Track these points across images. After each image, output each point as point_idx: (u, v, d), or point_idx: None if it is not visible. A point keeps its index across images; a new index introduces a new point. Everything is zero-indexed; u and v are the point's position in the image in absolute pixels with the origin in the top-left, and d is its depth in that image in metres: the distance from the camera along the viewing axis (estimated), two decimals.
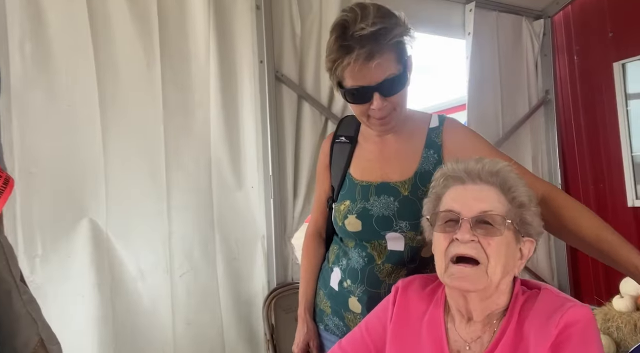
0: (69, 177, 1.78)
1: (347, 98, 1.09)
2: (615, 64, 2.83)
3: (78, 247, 1.79)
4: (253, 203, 2.26)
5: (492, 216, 0.83)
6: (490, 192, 0.87)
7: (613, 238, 0.96)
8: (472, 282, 0.81)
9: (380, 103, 1.04)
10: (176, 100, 2.04)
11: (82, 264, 1.78)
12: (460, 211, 0.85)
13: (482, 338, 0.85)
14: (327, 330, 1.24)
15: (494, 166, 0.89)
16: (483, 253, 0.81)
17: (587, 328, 0.76)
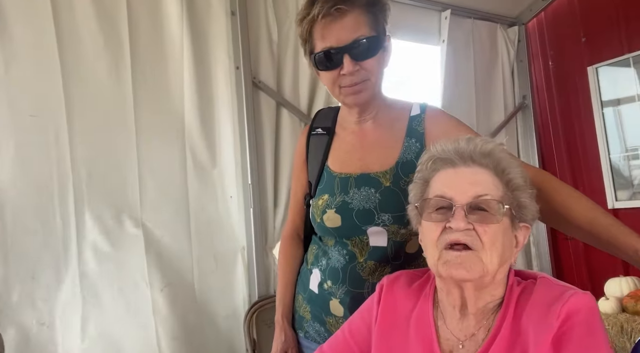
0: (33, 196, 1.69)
1: (318, 65, 1.05)
2: (590, 68, 2.88)
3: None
4: (232, 214, 2.19)
5: (489, 201, 0.77)
6: (484, 175, 0.80)
7: (608, 222, 0.91)
8: (469, 268, 0.74)
9: (351, 67, 1.00)
10: (150, 108, 1.97)
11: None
12: (453, 197, 0.78)
13: (477, 336, 0.78)
14: (307, 337, 1.16)
15: (486, 146, 0.82)
16: (478, 241, 0.75)
17: (591, 316, 0.70)
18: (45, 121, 1.71)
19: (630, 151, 2.94)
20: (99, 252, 1.79)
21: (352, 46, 1.00)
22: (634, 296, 2.27)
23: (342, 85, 1.04)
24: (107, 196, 1.84)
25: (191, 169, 2.09)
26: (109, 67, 1.86)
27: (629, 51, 2.72)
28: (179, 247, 2.03)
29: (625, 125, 2.95)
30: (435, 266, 0.79)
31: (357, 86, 1.04)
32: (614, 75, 2.90)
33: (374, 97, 1.09)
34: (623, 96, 2.91)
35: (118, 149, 1.88)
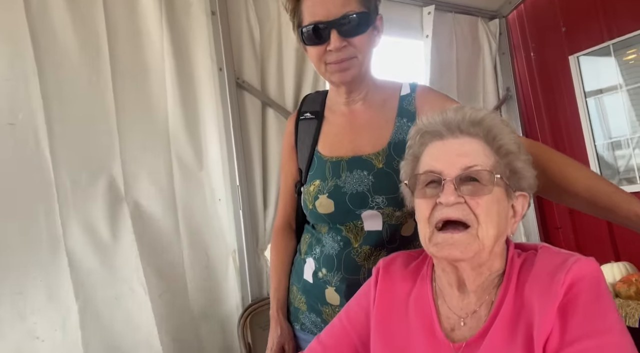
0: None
1: (305, 40, 1.02)
2: (571, 58, 2.91)
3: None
4: (221, 217, 2.14)
5: (479, 172, 0.74)
6: (473, 144, 0.77)
7: (608, 189, 0.89)
8: (462, 249, 0.72)
9: (338, 42, 0.98)
10: (132, 113, 1.92)
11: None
12: (441, 170, 0.75)
13: (479, 312, 0.76)
14: (303, 329, 1.13)
15: (476, 114, 0.79)
16: (471, 214, 0.72)
17: (596, 282, 0.68)
18: (24, 129, 1.66)
19: (614, 139, 2.97)
20: (90, 263, 1.74)
21: (340, 21, 0.98)
22: (627, 281, 2.28)
23: (328, 61, 1.02)
24: (93, 205, 1.79)
25: (178, 173, 2.04)
26: (88, 71, 1.81)
27: (609, 38, 2.75)
28: (170, 253, 1.99)
29: (609, 115, 2.98)
30: (427, 246, 0.77)
31: (344, 63, 1.01)
32: (596, 65, 2.93)
33: (361, 77, 1.06)
34: (605, 86, 2.94)
35: (101, 156, 1.83)
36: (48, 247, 1.66)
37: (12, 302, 1.58)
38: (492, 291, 0.76)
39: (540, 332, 0.65)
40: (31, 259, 1.63)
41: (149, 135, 1.98)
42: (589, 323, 0.64)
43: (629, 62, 2.82)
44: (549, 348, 0.64)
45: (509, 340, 0.68)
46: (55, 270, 1.66)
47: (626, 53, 2.81)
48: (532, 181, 0.81)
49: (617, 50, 2.80)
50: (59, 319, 1.64)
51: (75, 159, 1.76)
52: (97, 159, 1.82)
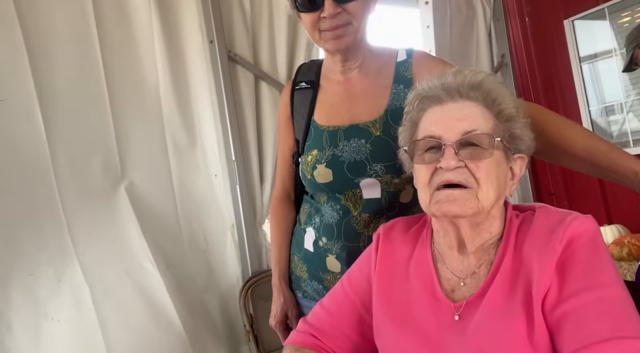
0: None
1: (298, 7, 1.00)
2: (566, 22, 2.87)
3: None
4: (218, 192, 2.15)
5: (478, 136, 0.74)
6: (472, 108, 0.76)
7: (606, 147, 0.90)
8: (462, 205, 0.72)
9: (332, 9, 0.96)
10: (123, 90, 1.89)
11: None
12: (441, 135, 0.75)
13: (478, 273, 0.77)
14: (305, 297, 1.15)
15: (475, 77, 0.78)
16: (472, 178, 0.73)
17: (593, 238, 0.69)
18: (15, 105, 1.63)
19: (608, 104, 2.97)
20: (94, 242, 1.74)
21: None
22: (619, 243, 2.33)
23: (322, 28, 1.00)
24: (89, 182, 1.78)
25: (172, 150, 2.03)
26: (77, 47, 1.77)
27: (604, 1, 2.72)
28: (168, 230, 2.00)
29: (602, 80, 2.97)
30: (427, 208, 0.77)
31: (338, 30, 0.99)
32: (590, 29, 2.90)
33: (357, 44, 1.04)
34: (600, 50, 2.92)
35: (94, 133, 1.81)
36: (50, 228, 1.65)
37: (25, 285, 1.58)
38: (492, 251, 0.77)
39: (539, 288, 0.66)
40: (37, 240, 1.62)
41: (141, 111, 1.96)
42: (587, 278, 0.65)
43: (623, 25, 2.79)
44: (548, 303, 0.66)
45: (508, 297, 0.70)
46: (62, 251, 1.66)
47: (620, 15, 2.78)
48: (530, 143, 0.81)
49: (611, 13, 2.77)
50: (72, 299, 1.65)
51: (69, 137, 1.74)
52: (90, 136, 1.80)
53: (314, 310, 0.91)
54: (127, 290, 1.78)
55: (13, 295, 1.56)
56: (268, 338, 2.00)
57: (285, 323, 1.17)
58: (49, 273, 1.63)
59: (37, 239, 1.62)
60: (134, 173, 1.90)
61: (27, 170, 1.64)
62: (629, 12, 2.73)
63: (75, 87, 1.77)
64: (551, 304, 0.66)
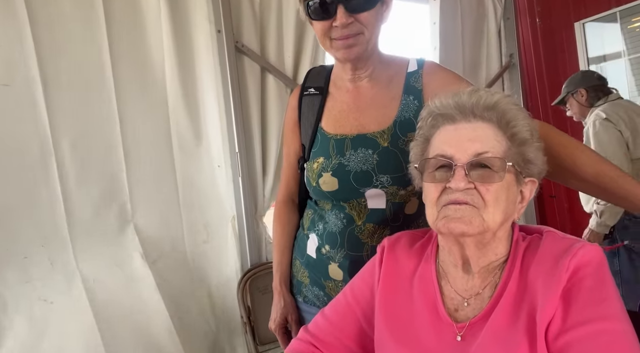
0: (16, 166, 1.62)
1: (310, 14, 0.99)
2: (577, 24, 2.84)
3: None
4: (220, 183, 2.15)
5: (490, 159, 0.73)
6: (486, 129, 0.75)
7: (615, 173, 0.90)
8: (468, 222, 0.72)
9: (345, 18, 0.94)
10: (129, 77, 1.89)
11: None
12: (452, 155, 0.74)
13: (482, 294, 0.77)
14: (306, 302, 1.15)
15: (491, 98, 0.77)
16: (480, 199, 0.72)
17: (600, 268, 0.69)
18: (19, 90, 1.62)
19: None
20: (90, 228, 1.75)
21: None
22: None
23: (333, 36, 0.99)
24: (91, 169, 1.78)
25: (176, 139, 2.03)
26: (83, 33, 1.76)
27: (616, 5, 2.69)
28: (168, 219, 2.00)
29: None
30: (434, 224, 0.77)
31: (349, 40, 0.98)
32: (601, 31, 2.88)
33: (368, 54, 1.03)
34: (609, 52, 2.90)
35: (99, 121, 1.81)
36: (48, 211, 1.66)
37: (20, 266, 1.60)
38: (497, 273, 0.77)
39: (543, 316, 0.67)
40: (33, 223, 1.64)
41: (146, 100, 1.95)
42: (591, 309, 0.65)
43: (634, 29, 2.77)
44: (551, 332, 0.66)
45: (511, 321, 0.70)
46: (56, 235, 1.68)
47: (631, 20, 2.76)
48: (543, 167, 0.81)
49: (623, 17, 2.75)
50: (65, 283, 1.67)
51: (71, 123, 1.74)
52: (93, 122, 1.80)
53: (315, 318, 0.91)
54: (118, 280, 1.79)
55: (8, 276, 1.57)
56: (264, 331, 2.02)
57: (285, 327, 1.17)
58: (43, 256, 1.65)
59: (34, 220, 1.64)
60: (137, 161, 1.90)
61: (28, 154, 1.64)
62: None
63: (80, 73, 1.76)
64: (554, 333, 0.66)
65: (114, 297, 1.75)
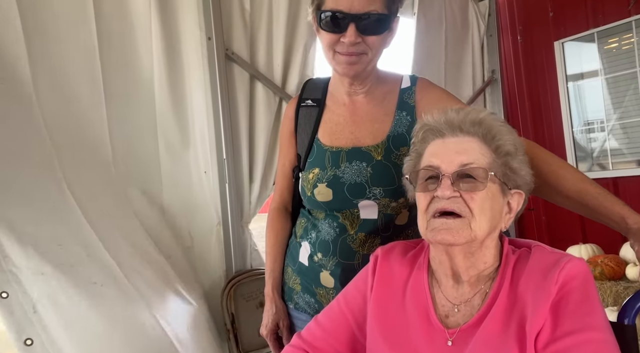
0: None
1: (321, 24, 1.02)
2: (556, 43, 2.95)
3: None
4: (206, 189, 2.14)
5: (474, 169, 0.78)
6: (471, 143, 0.81)
7: (596, 191, 0.94)
8: (455, 233, 0.76)
9: (354, 37, 0.98)
10: (117, 83, 1.87)
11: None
12: (439, 166, 0.80)
13: (472, 301, 0.80)
14: (297, 308, 1.17)
15: (477, 115, 0.83)
16: (465, 207, 0.77)
17: (586, 281, 0.73)
18: (12, 86, 1.59)
19: (590, 124, 3.07)
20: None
21: (361, 17, 0.98)
22: (592, 262, 2.41)
23: (338, 50, 1.03)
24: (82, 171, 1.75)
25: (163, 144, 2.02)
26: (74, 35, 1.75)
27: (594, 26, 2.80)
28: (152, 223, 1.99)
29: (586, 99, 3.07)
30: (425, 234, 0.81)
31: (352, 57, 1.02)
32: (579, 50, 2.99)
33: (366, 73, 1.08)
34: (586, 71, 3.01)
35: (86, 124, 1.79)
36: (66, 211, 1.61)
37: (58, 254, 1.54)
38: (487, 283, 0.81)
39: (533, 325, 0.70)
40: (57, 220, 1.57)
41: (134, 103, 1.94)
42: (578, 320, 0.69)
43: (611, 50, 2.88)
44: (540, 341, 0.70)
45: (502, 330, 0.73)
46: (81, 231, 1.62)
47: (608, 41, 2.88)
48: (529, 179, 0.85)
49: (600, 37, 2.86)
50: (105, 270, 1.64)
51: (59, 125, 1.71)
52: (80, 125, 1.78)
53: (308, 325, 0.93)
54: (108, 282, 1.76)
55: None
56: (248, 338, 2.02)
57: (276, 333, 1.19)
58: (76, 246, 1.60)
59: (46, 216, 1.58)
60: (122, 163, 1.89)
61: (29, 152, 1.60)
62: (617, 39, 2.83)
63: (68, 76, 1.74)
64: (544, 342, 0.69)
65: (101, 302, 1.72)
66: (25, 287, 1.47)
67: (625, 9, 2.68)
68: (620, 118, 2.90)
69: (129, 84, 1.92)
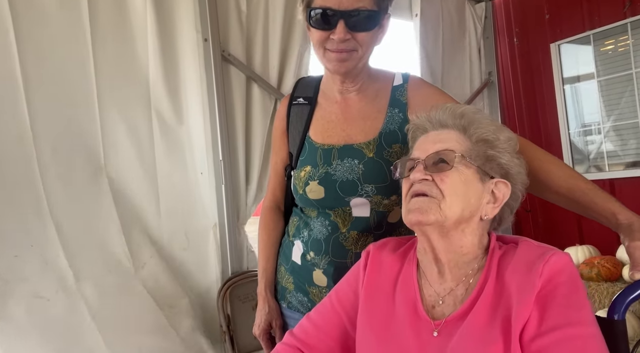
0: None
1: (310, 21, 1.02)
2: (552, 45, 2.96)
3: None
4: (203, 190, 2.14)
5: (444, 153, 0.82)
6: (450, 134, 0.85)
7: (587, 187, 0.94)
8: (424, 212, 0.79)
9: (343, 34, 0.99)
10: (113, 82, 1.88)
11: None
12: (418, 156, 0.85)
13: (455, 291, 0.81)
14: (290, 308, 1.16)
15: (457, 109, 0.87)
16: (436, 189, 0.80)
17: (572, 276, 0.74)
18: (0, 89, 1.60)
19: (586, 126, 3.08)
20: (77, 233, 1.72)
21: (350, 14, 0.98)
22: (589, 263, 2.41)
23: (328, 47, 1.03)
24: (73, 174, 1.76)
25: (160, 145, 2.03)
26: (67, 35, 1.75)
27: (590, 28, 2.81)
28: (149, 225, 1.99)
29: (583, 102, 3.08)
30: (404, 218, 0.84)
31: (343, 54, 1.02)
32: (575, 52, 3.00)
33: (357, 70, 1.08)
34: (582, 73, 3.02)
35: (81, 126, 1.80)
36: (35, 214, 1.63)
37: (11, 265, 1.56)
38: (471, 274, 0.82)
39: (518, 318, 0.70)
40: (22, 226, 1.60)
41: (130, 105, 1.95)
42: (565, 315, 0.70)
43: (607, 52, 2.89)
44: (526, 335, 0.70)
45: (488, 322, 0.74)
46: (46, 237, 1.64)
47: (604, 43, 2.89)
48: (514, 170, 0.86)
49: (596, 39, 2.87)
50: (58, 281, 1.63)
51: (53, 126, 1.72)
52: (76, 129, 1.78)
53: (300, 322, 0.93)
54: (108, 282, 1.76)
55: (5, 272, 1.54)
56: (244, 340, 2.01)
57: (269, 333, 1.18)
58: (35, 256, 1.61)
59: (22, 223, 1.60)
60: (118, 167, 1.89)
61: (12, 158, 1.61)
62: (613, 41, 2.84)
63: (63, 76, 1.75)
64: (530, 336, 0.70)
65: (108, 299, 1.73)
66: None
67: (621, 11, 2.70)
68: (616, 120, 2.90)
69: (125, 84, 1.93)
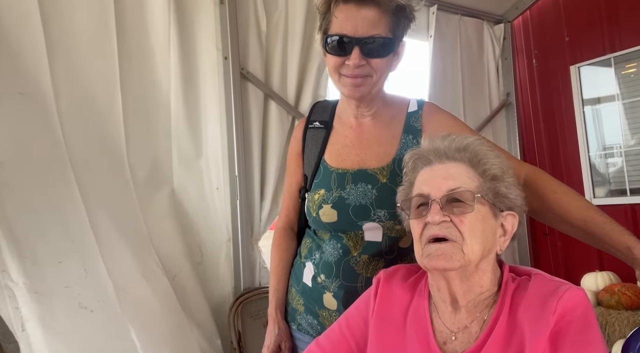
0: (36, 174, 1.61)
1: (327, 47, 1.05)
2: (572, 67, 2.93)
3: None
4: (218, 205, 2.17)
5: (461, 193, 0.80)
6: (458, 168, 0.83)
7: (602, 220, 0.93)
8: (449, 258, 0.77)
9: (358, 60, 1.00)
10: (136, 99, 1.93)
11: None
12: (429, 193, 0.82)
13: (470, 328, 0.80)
14: (300, 330, 1.16)
15: (462, 141, 0.85)
16: (456, 231, 0.78)
17: (586, 312, 0.72)
18: (33, 101, 1.64)
19: (607, 149, 3.03)
20: (113, 242, 1.74)
21: (365, 41, 1.00)
22: (609, 290, 2.35)
23: (343, 73, 1.05)
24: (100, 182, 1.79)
25: (177, 159, 2.06)
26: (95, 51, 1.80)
27: (611, 51, 2.78)
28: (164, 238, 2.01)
29: (604, 124, 3.03)
30: (420, 261, 0.82)
31: (357, 79, 1.04)
32: (595, 73, 2.97)
33: (372, 95, 1.09)
34: (603, 95, 2.98)
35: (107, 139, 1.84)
36: (75, 221, 1.64)
37: (56, 271, 1.57)
38: (485, 310, 0.80)
39: None
40: (62, 232, 1.61)
41: (151, 120, 1.99)
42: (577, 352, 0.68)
43: (629, 75, 2.85)
44: None
45: None
46: (86, 244, 1.65)
47: (625, 66, 2.85)
48: (520, 201, 0.85)
49: (617, 62, 2.84)
50: (99, 291, 1.64)
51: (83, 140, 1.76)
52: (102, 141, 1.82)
53: (309, 347, 0.93)
54: (145, 293, 1.78)
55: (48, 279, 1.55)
56: None
57: None
58: (77, 263, 1.62)
59: (63, 230, 1.61)
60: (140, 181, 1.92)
61: (48, 165, 1.63)
62: (635, 64, 2.80)
63: (90, 92, 1.80)
64: None
65: (144, 310, 1.74)
66: (19, 303, 1.47)
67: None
68: (638, 143, 2.85)
69: (147, 101, 1.98)
